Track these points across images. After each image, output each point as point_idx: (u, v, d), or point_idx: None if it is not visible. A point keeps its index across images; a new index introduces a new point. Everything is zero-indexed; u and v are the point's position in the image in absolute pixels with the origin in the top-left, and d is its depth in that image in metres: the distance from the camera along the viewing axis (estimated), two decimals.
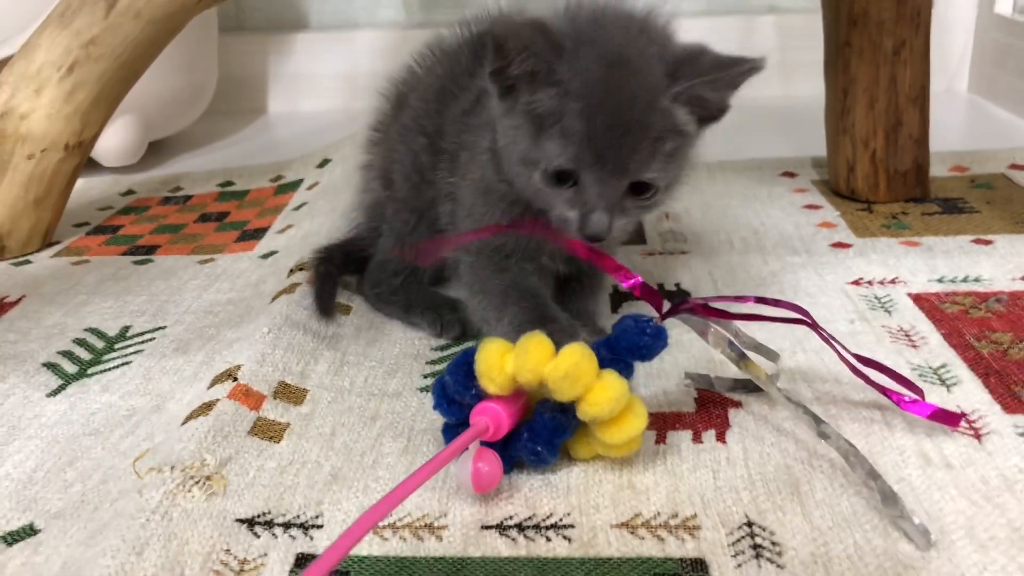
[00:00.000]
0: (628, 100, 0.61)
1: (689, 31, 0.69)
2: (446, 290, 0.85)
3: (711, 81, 0.62)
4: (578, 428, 0.58)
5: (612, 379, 0.55)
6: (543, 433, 0.57)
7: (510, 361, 0.55)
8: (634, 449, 0.59)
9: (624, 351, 0.58)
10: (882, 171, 1.04)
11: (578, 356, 0.55)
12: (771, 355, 0.65)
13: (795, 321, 0.65)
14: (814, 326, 0.64)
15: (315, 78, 1.75)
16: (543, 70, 0.61)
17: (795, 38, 1.65)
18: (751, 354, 0.62)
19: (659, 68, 0.62)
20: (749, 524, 0.53)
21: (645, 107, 0.61)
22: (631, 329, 0.58)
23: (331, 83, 1.74)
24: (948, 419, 0.61)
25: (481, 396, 0.58)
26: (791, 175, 1.17)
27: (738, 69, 0.62)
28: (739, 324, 0.65)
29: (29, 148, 1.00)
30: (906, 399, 0.62)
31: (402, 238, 0.81)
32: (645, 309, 0.76)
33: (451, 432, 0.61)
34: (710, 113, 0.65)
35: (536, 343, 0.56)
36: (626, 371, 0.58)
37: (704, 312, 0.62)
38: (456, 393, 0.58)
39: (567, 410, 0.57)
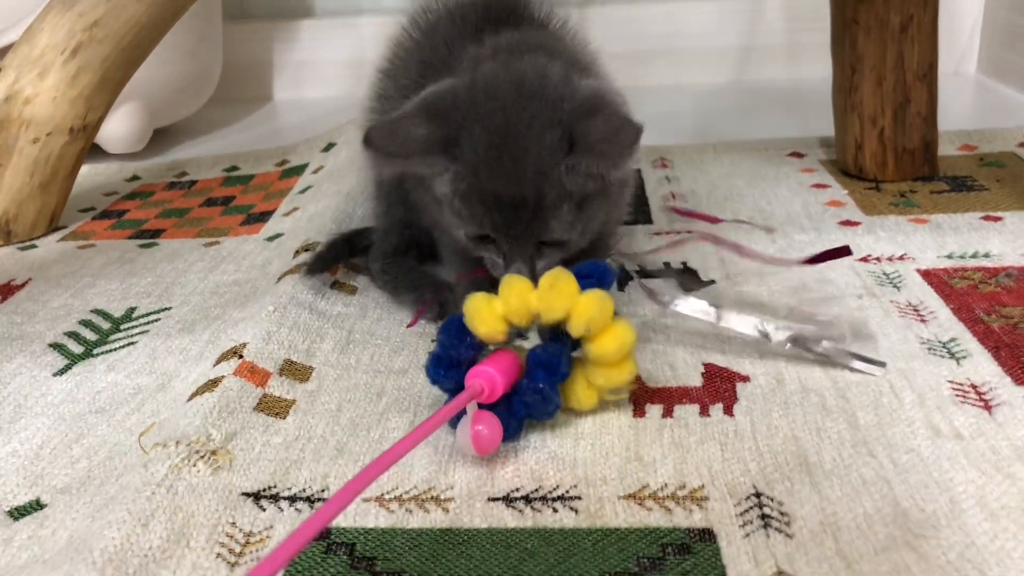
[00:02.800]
0: (518, 176, 0.63)
1: (697, 15, 0.69)
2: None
3: (602, 157, 0.63)
4: (572, 367, 0.60)
5: (594, 291, 0.58)
6: (540, 371, 0.58)
7: (498, 304, 0.58)
8: (632, 371, 0.60)
9: (588, 278, 0.60)
10: (890, 149, 1.03)
11: (557, 271, 0.59)
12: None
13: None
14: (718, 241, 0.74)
15: (320, 65, 1.75)
16: (436, 168, 0.65)
17: (803, 19, 1.64)
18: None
19: (551, 137, 0.63)
20: (757, 495, 0.53)
21: (536, 181, 0.63)
22: (587, 264, 0.62)
23: (336, 70, 1.74)
24: (837, 253, 0.69)
25: (476, 347, 0.59)
26: (799, 155, 1.17)
27: (622, 145, 0.62)
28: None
29: (34, 132, 1.00)
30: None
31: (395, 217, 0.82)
32: None
33: None
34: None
35: (518, 278, 0.60)
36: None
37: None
38: (451, 348, 0.59)
39: (558, 337, 0.59)
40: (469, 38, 0.73)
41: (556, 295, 0.57)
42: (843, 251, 0.69)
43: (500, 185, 0.63)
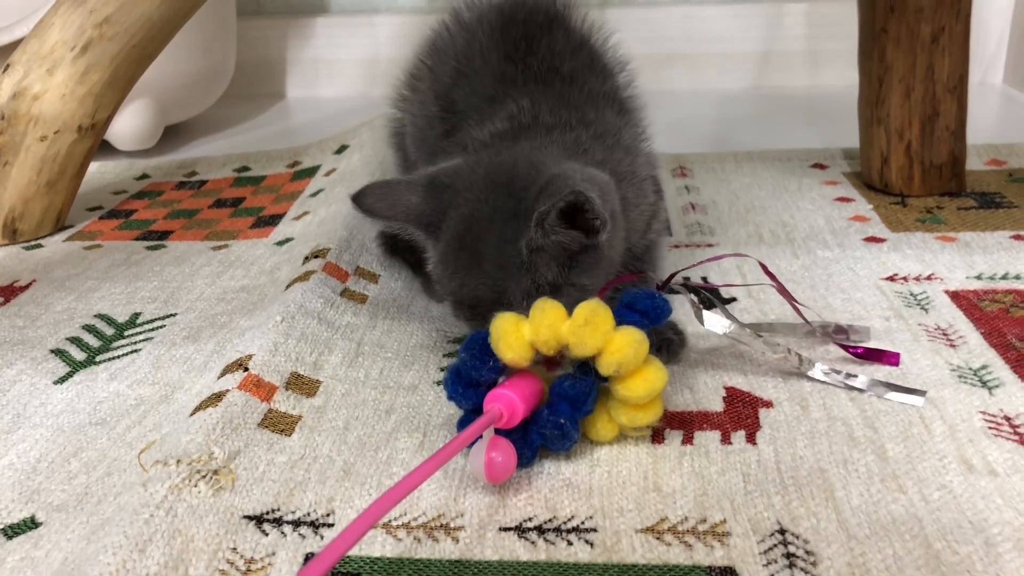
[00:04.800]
0: (476, 274, 0.62)
1: (715, 19, 0.67)
2: None
3: (552, 232, 0.59)
4: (597, 400, 0.57)
5: (630, 328, 0.55)
6: (564, 405, 0.56)
7: (526, 328, 0.55)
8: (657, 414, 0.57)
9: (639, 313, 0.58)
10: (917, 163, 1.01)
11: (594, 304, 0.55)
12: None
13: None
14: (766, 271, 0.71)
15: (335, 63, 1.73)
16: (419, 237, 0.65)
17: (825, 26, 1.61)
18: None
19: (512, 225, 0.60)
20: (782, 531, 0.51)
21: (495, 276, 0.61)
22: (642, 294, 0.59)
23: (351, 69, 1.72)
24: (885, 358, 0.66)
25: (499, 370, 0.57)
26: (821, 167, 1.14)
27: (549, 202, 0.57)
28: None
29: (42, 130, 0.98)
30: (851, 346, 0.68)
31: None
32: None
33: (467, 425, 0.58)
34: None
35: (551, 304, 0.56)
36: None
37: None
38: (473, 369, 0.56)
39: (587, 373, 0.57)
40: (503, 51, 0.72)
41: (590, 331, 0.54)
42: (892, 358, 0.67)
43: (458, 282, 0.63)
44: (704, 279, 0.82)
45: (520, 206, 0.61)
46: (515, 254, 0.61)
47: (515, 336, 0.55)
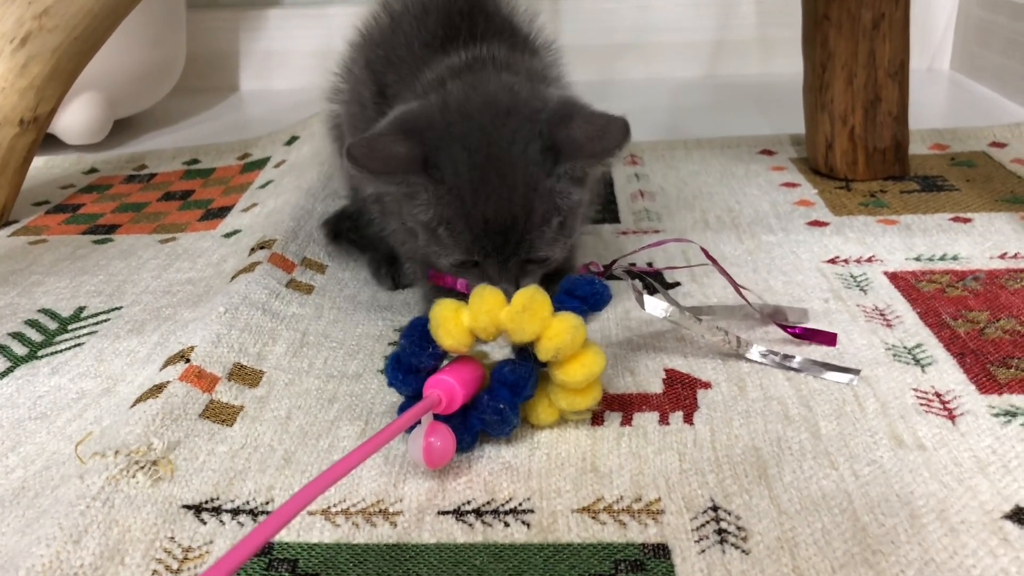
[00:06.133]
0: (507, 195, 0.61)
1: (669, 8, 0.67)
2: None
3: (593, 157, 0.62)
4: (538, 386, 0.58)
5: (567, 313, 0.56)
6: (504, 390, 0.56)
7: (465, 315, 0.56)
8: (596, 398, 0.58)
9: (579, 299, 0.58)
10: (860, 148, 1.02)
11: (532, 291, 0.56)
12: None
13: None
14: (706, 255, 0.73)
15: (288, 55, 1.72)
16: (416, 188, 0.63)
17: (775, 14, 1.62)
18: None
19: (535, 149, 0.62)
20: (715, 508, 0.52)
21: (525, 199, 0.62)
22: (581, 280, 0.59)
23: (304, 60, 1.71)
24: (823, 338, 0.68)
25: (438, 356, 0.57)
26: (769, 153, 1.15)
27: (613, 141, 0.61)
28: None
29: None
30: (790, 327, 0.69)
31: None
32: None
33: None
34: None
35: (490, 291, 0.56)
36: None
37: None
38: (413, 355, 0.56)
39: (527, 359, 0.57)
40: (429, 40, 0.72)
41: (528, 317, 0.55)
42: (829, 338, 0.68)
43: (489, 207, 0.61)
44: (649, 264, 0.83)
45: (536, 127, 0.62)
46: (542, 177, 0.62)
47: (454, 322, 0.56)
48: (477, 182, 0.61)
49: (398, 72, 0.72)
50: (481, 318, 0.55)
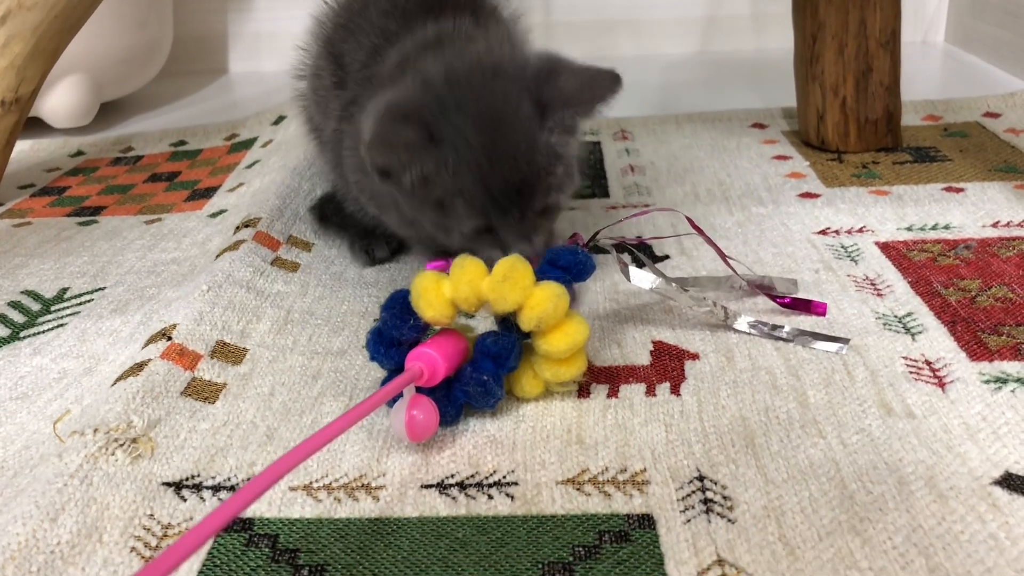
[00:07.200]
0: (512, 153, 0.62)
1: None
2: None
3: (580, 107, 0.63)
4: (522, 357, 0.57)
5: (549, 282, 0.55)
6: (487, 362, 0.55)
7: (446, 286, 0.55)
8: (581, 369, 0.57)
9: (562, 269, 0.58)
10: (852, 119, 1.01)
11: (513, 260, 0.55)
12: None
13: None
14: (692, 224, 0.71)
15: (277, 36, 1.70)
16: (430, 168, 0.62)
17: None
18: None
19: (527, 107, 0.62)
20: (700, 478, 0.51)
21: (528, 153, 0.62)
22: (564, 251, 0.58)
23: (293, 42, 1.68)
24: (813, 308, 0.67)
25: (420, 329, 0.56)
26: (761, 126, 1.14)
27: (603, 90, 0.63)
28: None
29: None
30: (779, 297, 0.69)
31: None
32: None
33: None
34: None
35: (471, 261, 0.56)
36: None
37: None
38: (394, 328, 0.56)
39: (510, 330, 0.56)
40: (390, 10, 0.72)
41: (509, 287, 0.54)
42: (819, 308, 0.67)
43: (502, 169, 0.62)
44: (638, 237, 0.82)
45: (524, 85, 0.62)
46: (537, 131, 0.62)
47: (435, 293, 0.55)
48: (485, 147, 0.61)
49: (360, 45, 0.71)
50: (462, 288, 0.55)
